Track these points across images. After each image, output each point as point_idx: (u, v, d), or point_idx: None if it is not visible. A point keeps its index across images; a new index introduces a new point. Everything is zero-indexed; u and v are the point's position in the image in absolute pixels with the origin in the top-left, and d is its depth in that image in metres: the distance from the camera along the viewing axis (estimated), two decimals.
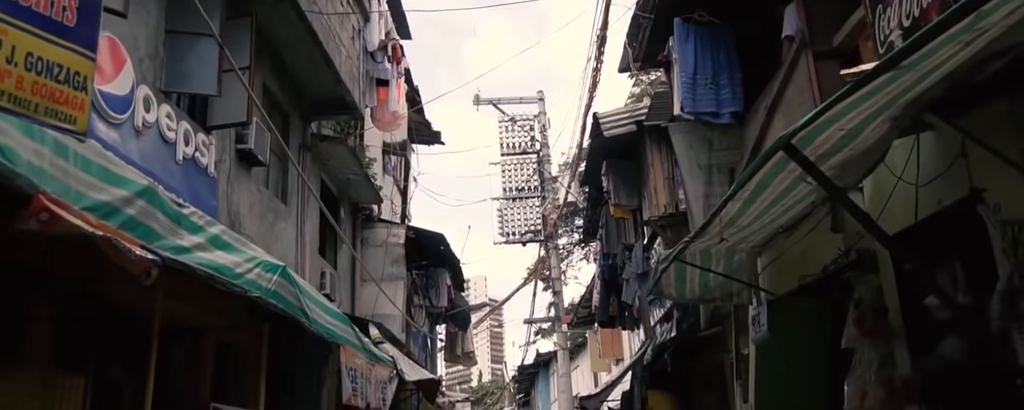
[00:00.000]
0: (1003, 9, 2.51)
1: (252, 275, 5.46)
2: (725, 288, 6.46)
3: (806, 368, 6.18)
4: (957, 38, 2.65)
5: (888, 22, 4.46)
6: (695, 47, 6.70)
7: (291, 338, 7.53)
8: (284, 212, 9.69)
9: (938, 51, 2.76)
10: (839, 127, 3.56)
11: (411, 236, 13.86)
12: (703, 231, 5.17)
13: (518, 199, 34.03)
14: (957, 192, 4.01)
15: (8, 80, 2.72)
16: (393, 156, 16.75)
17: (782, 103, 5.88)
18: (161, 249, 4.38)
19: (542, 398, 40.55)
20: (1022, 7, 2.53)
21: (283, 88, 9.77)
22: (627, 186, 11.82)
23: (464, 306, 20.13)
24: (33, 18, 2.81)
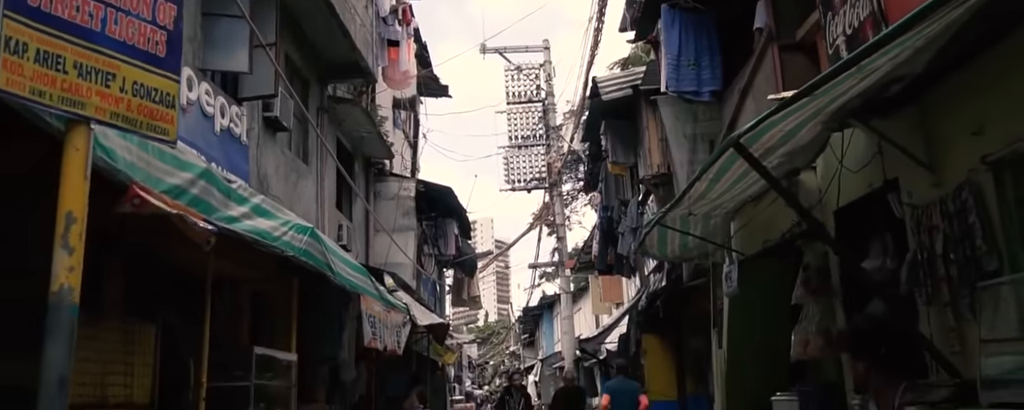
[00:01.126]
0: (884, 58, 3.29)
1: (287, 237, 6.32)
2: (702, 248, 7.30)
3: (770, 319, 7.05)
4: (853, 76, 3.42)
5: (836, 28, 5.20)
6: (680, 31, 7.41)
7: (317, 288, 8.44)
8: (305, 171, 10.53)
9: (842, 83, 3.53)
10: (779, 130, 4.35)
11: (421, 189, 14.71)
12: (678, 202, 5.99)
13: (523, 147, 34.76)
14: (883, 177, 4.83)
15: (122, 105, 3.51)
16: (402, 111, 17.50)
17: (752, 88, 6.63)
18: (217, 220, 5.22)
19: (546, 338, 41.90)
20: (898, 55, 3.31)
21: (303, 56, 10.51)
22: (624, 145, 12.58)
23: (471, 254, 21.09)
24: (137, 54, 3.59)
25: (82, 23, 3.38)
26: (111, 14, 3.50)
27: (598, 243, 16.00)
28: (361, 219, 13.66)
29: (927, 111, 4.38)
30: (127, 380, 5.08)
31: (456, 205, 17.06)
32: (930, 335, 4.37)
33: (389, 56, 13.86)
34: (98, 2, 3.46)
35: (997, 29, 3.66)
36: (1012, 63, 3.64)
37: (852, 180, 5.16)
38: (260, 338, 8.46)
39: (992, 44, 3.74)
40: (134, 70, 3.59)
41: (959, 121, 4.06)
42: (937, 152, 4.29)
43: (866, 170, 4.98)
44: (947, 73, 4.13)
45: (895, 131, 4.56)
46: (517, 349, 54.59)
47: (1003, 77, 3.72)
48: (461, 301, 21.76)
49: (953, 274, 4.07)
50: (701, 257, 7.63)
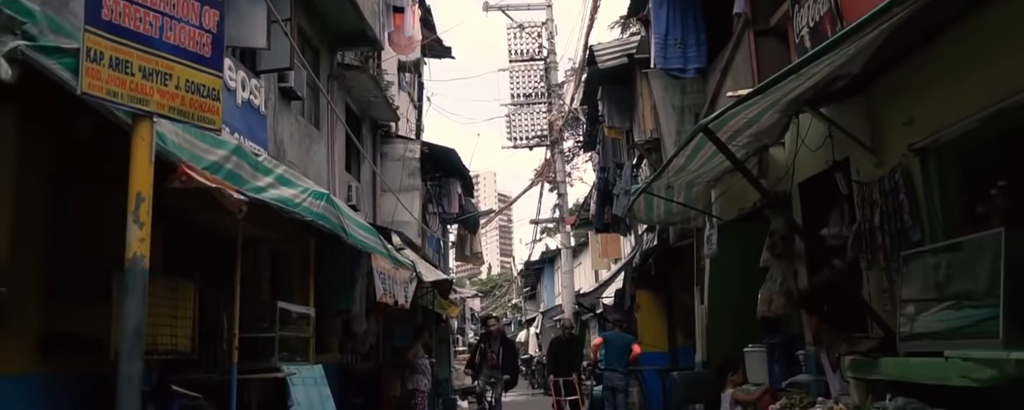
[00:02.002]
0: (822, 65, 3.91)
1: (306, 203, 6.99)
2: (685, 214, 7.96)
3: (746, 278, 7.74)
4: (795, 79, 4.04)
5: (801, 19, 5.79)
6: (668, 11, 7.96)
7: (331, 248, 9.13)
8: (317, 136, 11.16)
9: (788, 84, 4.15)
10: (743, 117, 4.97)
11: (425, 151, 15.34)
12: (660, 175, 6.64)
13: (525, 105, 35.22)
14: (837, 156, 5.47)
15: (177, 100, 4.14)
16: (407, 74, 18.03)
17: (732, 67, 7.21)
18: (247, 191, 5.89)
19: (547, 292, 42.84)
20: (834, 62, 3.93)
21: (313, 26, 11.06)
22: (620, 110, 13.15)
23: (474, 211, 21.79)
24: (188, 55, 4.21)
25: (144, 32, 4.00)
26: (167, 22, 4.12)
27: (595, 203, 16.68)
28: (369, 180, 14.32)
29: (872, 101, 5.00)
30: (172, 331, 5.80)
31: (459, 165, 17.71)
32: (869, 295, 5.05)
33: (395, 22, 14.39)
34: (156, 12, 4.07)
35: (925, 36, 4.27)
36: (933, 67, 4.25)
37: (812, 157, 5.79)
38: (279, 293, 9.19)
39: (922, 48, 4.35)
40: (186, 70, 4.22)
41: (895, 112, 4.68)
42: (879, 137, 4.92)
43: (824, 149, 5.62)
44: (888, 68, 4.74)
45: (847, 116, 5.19)
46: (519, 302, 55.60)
47: (928, 78, 4.33)
48: (464, 257, 22.52)
49: (887, 244, 4.74)
50: (684, 222, 8.31)
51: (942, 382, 3.61)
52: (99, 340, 5.23)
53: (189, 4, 4.26)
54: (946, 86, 4.19)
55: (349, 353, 11.42)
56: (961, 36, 4.01)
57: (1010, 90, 3.60)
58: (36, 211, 5.01)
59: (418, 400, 12.84)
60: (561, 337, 14.36)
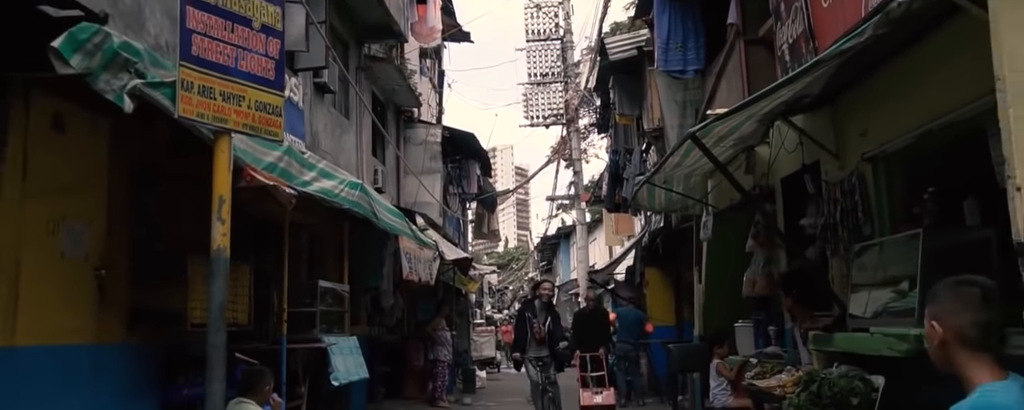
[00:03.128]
0: (788, 90, 4.71)
1: (343, 193, 7.87)
2: (684, 202, 8.76)
3: (738, 261, 8.56)
4: (766, 99, 4.84)
5: (782, 35, 6.55)
6: (669, 17, 8.70)
7: (363, 230, 10.02)
8: (347, 125, 12.02)
9: (760, 103, 4.96)
10: (725, 126, 5.78)
11: (446, 135, 16.19)
12: (660, 170, 7.45)
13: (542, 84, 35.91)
14: (810, 158, 6.27)
15: (249, 118, 5.00)
16: (428, 59, 18.83)
17: (725, 72, 7.97)
18: (296, 185, 6.77)
19: (563, 266, 43.75)
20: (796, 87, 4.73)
21: (343, 22, 11.87)
22: (630, 98, 13.94)
23: (491, 191, 22.67)
24: (257, 79, 5.06)
25: (223, 62, 4.86)
26: (240, 53, 4.98)
27: (607, 184, 17.48)
28: (393, 163, 15.20)
29: (837, 112, 5.79)
30: (234, 307, 6.70)
31: (478, 148, 18.56)
32: (833, 280, 5.88)
33: (418, 13, 15.19)
34: (232, 45, 4.93)
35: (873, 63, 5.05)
36: (881, 88, 5.04)
37: (791, 157, 6.59)
38: (315, 272, 10.11)
39: (872, 72, 5.14)
40: (256, 92, 5.08)
41: (854, 123, 5.47)
42: (841, 144, 5.72)
43: (800, 150, 6.42)
44: (849, 86, 5.53)
45: (817, 125, 5.98)
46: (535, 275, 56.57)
47: (878, 96, 5.12)
48: (482, 234, 23.45)
49: (845, 236, 5.55)
50: (683, 209, 9.12)
51: (876, 353, 4.44)
52: (176, 314, 6.17)
53: (257, 36, 5.11)
54: (891, 105, 4.97)
55: (377, 326, 12.37)
56: (900, 66, 4.80)
57: (933, 115, 4.39)
58: (123, 204, 5.91)
59: (439, 369, 13.81)
60: (585, 310, 13.58)
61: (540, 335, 9.99)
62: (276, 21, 5.31)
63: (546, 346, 10.02)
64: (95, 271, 5.54)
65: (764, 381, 5.63)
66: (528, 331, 10.12)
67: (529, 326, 10.16)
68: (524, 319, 10.33)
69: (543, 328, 10.03)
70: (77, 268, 5.35)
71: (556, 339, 10.07)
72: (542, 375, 9.95)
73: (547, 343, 10.00)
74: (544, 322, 10.10)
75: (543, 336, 9.98)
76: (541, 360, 9.99)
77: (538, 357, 10.03)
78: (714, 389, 7.53)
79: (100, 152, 5.64)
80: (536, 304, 10.33)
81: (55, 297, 5.10)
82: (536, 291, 10.85)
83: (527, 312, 10.37)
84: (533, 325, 10.12)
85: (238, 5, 5.01)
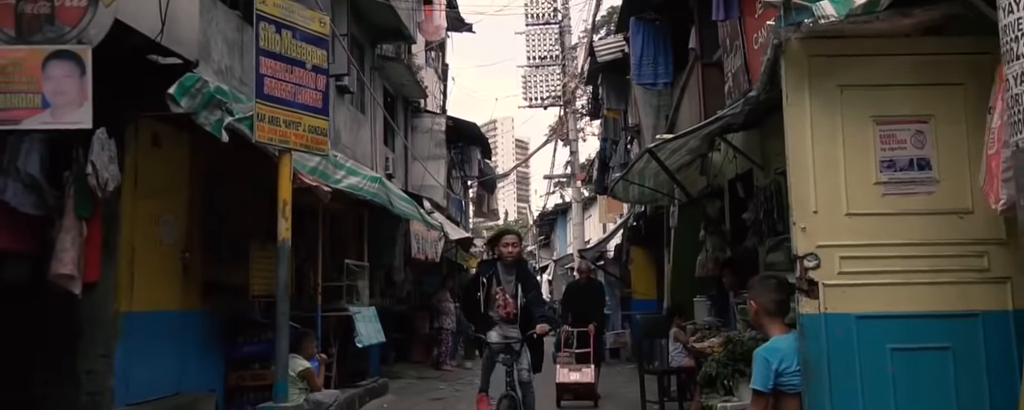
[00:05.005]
0: (710, 126, 6.24)
1: (366, 186, 9.43)
2: (654, 195, 10.31)
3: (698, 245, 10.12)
4: (702, 129, 6.36)
5: (728, 64, 8.04)
6: (643, 38, 10.15)
7: (378, 215, 11.58)
8: (363, 120, 13.53)
9: (698, 131, 6.48)
10: (678, 142, 7.30)
11: (450, 125, 17.69)
12: (630, 170, 8.98)
13: (541, 67, 37.22)
14: (744, 168, 7.81)
15: (303, 139, 6.51)
16: (433, 51, 20.27)
17: (688, 87, 9.46)
18: (330, 183, 8.32)
19: (560, 241, 45.32)
20: (716, 125, 6.25)
21: (360, 28, 13.33)
22: (617, 94, 15.39)
23: (491, 174, 24.21)
24: (309, 109, 6.57)
25: (286, 97, 6.37)
26: (297, 89, 6.49)
27: (597, 169, 18.99)
28: (402, 150, 16.72)
29: (762, 133, 7.31)
30: None
31: (479, 135, 20.08)
32: (759, 265, 7.45)
33: (425, 13, 16.63)
34: (292, 84, 6.44)
35: None
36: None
37: (734, 164, 8.12)
38: (337, 250, 11.68)
39: None
40: (308, 118, 6.60)
41: (772, 144, 6.99)
42: (766, 159, 7.24)
43: (736, 161, 7.95)
44: (770, 112, 7.04)
45: (750, 141, 7.51)
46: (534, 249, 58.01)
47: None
48: (482, 213, 25.04)
49: (766, 232, 7.11)
50: (654, 201, 10.66)
51: None
52: (238, 288, 7.76)
53: (309, 74, 6.62)
54: None
55: (388, 298, 13.96)
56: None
57: None
58: (199, 200, 7.47)
59: (443, 337, 15.43)
60: (578, 281, 12.16)
61: (508, 309, 6.67)
62: (322, 61, 6.82)
63: (517, 325, 6.67)
64: (181, 254, 7.12)
65: (701, 343, 7.22)
66: (486, 303, 6.73)
67: (488, 297, 6.73)
68: (478, 287, 6.79)
69: (511, 299, 6.68)
70: (170, 252, 6.93)
71: (533, 315, 6.60)
72: (507, 370, 6.46)
73: (518, 321, 6.66)
74: (512, 289, 6.70)
75: (512, 311, 6.66)
76: (508, 346, 6.53)
77: (504, 341, 6.58)
78: (672, 352, 9.10)
79: (183, 160, 7.19)
80: (498, 266, 6.77)
81: (157, 275, 6.69)
82: (495, 247, 6.98)
83: (484, 277, 6.78)
84: (496, 296, 6.72)
85: (295, 51, 6.51)
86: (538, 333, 6.47)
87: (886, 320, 3.73)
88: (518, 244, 7.07)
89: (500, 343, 6.62)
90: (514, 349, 6.54)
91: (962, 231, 3.75)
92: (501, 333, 6.71)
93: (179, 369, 7.01)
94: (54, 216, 5.52)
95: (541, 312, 6.78)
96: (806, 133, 3.92)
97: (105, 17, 4.14)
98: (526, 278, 6.88)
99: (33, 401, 5.78)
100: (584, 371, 9.76)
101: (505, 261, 6.79)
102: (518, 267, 6.88)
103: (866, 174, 3.85)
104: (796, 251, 3.85)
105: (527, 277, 6.93)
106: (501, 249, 6.83)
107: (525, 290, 6.71)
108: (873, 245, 3.79)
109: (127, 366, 6.15)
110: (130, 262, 6.29)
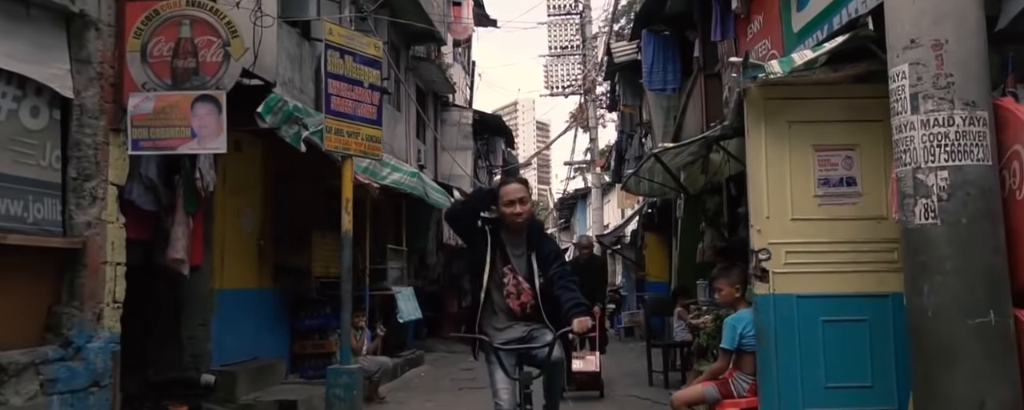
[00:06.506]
0: (703, 137, 7.44)
1: (407, 181, 10.73)
2: (663, 189, 11.50)
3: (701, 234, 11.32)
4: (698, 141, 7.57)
5: (725, 78, 9.22)
6: (653, 48, 11.29)
7: (414, 204, 12.87)
8: (398, 117, 14.80)
9: (699, 140, 7.69)
10: (680, 147, 8.50)
11: (477, 118, 18.94)
12: (641, 167, 10.19)
13: (562, 56, 38.33)
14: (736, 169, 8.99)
15: (362, 146, 7.77)
16: (460, 47, 21.49)
17: (692, 94, 10.63)
18: (378, 180, 9.62)
19: (580, 225, 46.50)
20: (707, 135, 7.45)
21: (396, 34, 14.57)
22: (633, 91, 16.52)
23: (514, 162, 25.45)
24: (365, 120, 7.83)
25: (348, 112, 7.64)
26: (357, 105, 7.76)
27: (614, 160, 20.18)
28: (432, 142, 18.00)
29: None
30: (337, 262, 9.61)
31: (503, 126, 21.31)
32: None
33: (454, 14, 17.85)
34: (352, 100, 7.71)
35: None
36: None
37: (729, 165, 9.31)
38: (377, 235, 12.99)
39: None
40: (365, 128, 7.88)
41: None
42: None
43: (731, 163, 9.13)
44: None
45: (741, 146, 8.69)
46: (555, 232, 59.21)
47: None
48: None
49: None
50: (662, 194, 11.87)
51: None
52: (302, 270, 9.09)
53: (366, 92, 7.88)
54: None
55: (421, 278, 15.29)
56: None
57: None
58: (270, 196, 8.79)
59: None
60: (579, 258, 11.16)
61: (524, 299, 4.39)
62: (376, 80, 8.07)
63: (539, 319, 4.39)
64: (257, 241, 8.45)
65: (696, 320, 8.46)
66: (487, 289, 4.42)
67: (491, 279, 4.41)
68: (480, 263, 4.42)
69: (526, 283, 4.39)
70: (249, 240, 8.27)
71: (561, 302, 4.26)
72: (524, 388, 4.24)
73: (539, 313, 4.38)
74: (526, 270, 4.42)
75: (530, 300, 4.38)
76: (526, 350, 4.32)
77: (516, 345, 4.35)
78: (676, 328, 10.33)
79: (257, 162, 8.50)
80: (502, 236, 4.44)
81: (240, 259, 8.03)
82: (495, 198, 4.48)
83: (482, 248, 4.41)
84: (505, 281, 4.39)
85: (355, 73, 7.76)
86: (576, 331, 4.04)
87: (820, 299, 4.96)
88: (528, 200, 4.43)
89: (514, 349, 4.27)
90: (538, 358, 4.20)
91: (879, 232, 4.95)
92: (515, 334, 4.35)
93: (256, 338, 8.36)
94: (164, 212, 6.83)
95: (573, 298, 4.18)
96: (762, 157, 5.12)
97: (235, 69, 5.40)
98: (543, 248, 4.41)
99: (147, 361, 7.14)
100: (588, 359, 8.79)
101: (512, 228, 4.36)
102: (531, 233, 4.43)
103: (807, 189, 5.07)
104: (752, 247, 5.08)
105: (545, 246, 4.44)
106: (504, 210, 4.31)
107: (544, 267, 4.31)
108: (811, 243, 5.01)
109: (219, 334, 7.50)
110: (220, 248, 7.62)
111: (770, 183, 5.12)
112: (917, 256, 3.84)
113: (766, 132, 5.13)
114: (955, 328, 3.71)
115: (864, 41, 4.82)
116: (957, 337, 3.70)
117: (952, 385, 3.72)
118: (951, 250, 3.73)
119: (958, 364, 3.69)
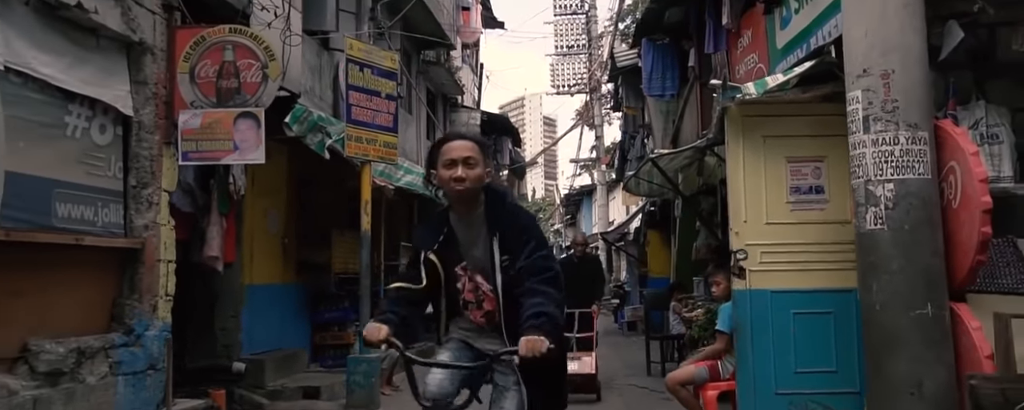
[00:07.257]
0: (696, 144, 8.06)
1: (418, 182, 11.36)
2: (661, 190, 12.11)
3: (697, 232, 11.94)
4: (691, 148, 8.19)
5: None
6: (652, 56, 11.89)
7: (425, 203, 13.50)
8: (410, 119, 15.44)
9: (691, 148, 8.31)
10: (674, 153, 9.12)
11: (485, 119, 19.57)
12: (640, 169, 10.81)
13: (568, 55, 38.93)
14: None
15: (379, 152, 8.41)
16: (468, 49, 22.13)
17: (689, 100, 11.23)
18: (393, 182, 10.26)
19: (586, 221, 47.07)
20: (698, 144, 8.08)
21: (408, 40, 15.20)
22: (635, 94, 17.12)
23: (521, 161, 26.08)
24: (383, 128, 8.47)
25: (367, 120, 8.29)
26: (375, 114, 8.41)
27: (618, 158, 20.78)
28: None
29: None
30: (354, 259, 10.27)
31: (510, 127, 21.95)
32: None
33: (462, 19, 18.47)
34: (371, 109, 8.35)
35: None
36: None
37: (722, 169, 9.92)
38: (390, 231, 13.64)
39: None
40: (382, 135, 8.53)
41: None
42: None
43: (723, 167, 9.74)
44: None
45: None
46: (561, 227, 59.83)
47: None
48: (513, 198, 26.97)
49: None
50: (661, 195, 12.49)
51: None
52: (322, 266, 9.74)
53: (384, 101, 8.53)
54: None
55: None
56: None
57: None
58: (294, 199, 9.44)
59: None
60: (573, 256, 10.87)
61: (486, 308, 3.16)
62: (393, 90, 8.72)
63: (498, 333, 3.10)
64: (282, 240, 9.11)
65: (690, 313, 9.09)
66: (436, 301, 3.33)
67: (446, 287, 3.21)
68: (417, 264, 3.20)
69: (484, 283, 3.11)
70: (274, 238, 8.93)
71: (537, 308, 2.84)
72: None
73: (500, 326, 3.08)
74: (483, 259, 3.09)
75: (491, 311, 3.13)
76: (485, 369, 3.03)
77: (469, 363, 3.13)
78: (672, 321, 10.96)
79: (283, 167, 9.15)
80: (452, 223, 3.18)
81: (266, 255, 8.68)
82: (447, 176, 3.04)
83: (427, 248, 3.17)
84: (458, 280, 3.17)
85: (374, 84, 8.42)
86: (522, 354, 2.73)
87: (791, 294, 5.58)
88: (477, 163, 3.09)
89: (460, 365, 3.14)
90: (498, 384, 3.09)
91: (843, 235, 5.55)
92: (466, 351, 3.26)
93: (281, 329, 9.02)
94: (200, 213, 7.48)
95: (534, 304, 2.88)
96: (740, 168, 5.74)
97: (272, 88, 6.05)
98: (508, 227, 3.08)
99: (185, 350, 7.80)
100: (584, 360, 8.28)
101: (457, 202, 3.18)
102: (490, 209, 3.13)
103: (780, 195, 5.68)
104: (732, 248, 5.71)
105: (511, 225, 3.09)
106: (442, 173, 3.09)
107: (511, 256, 3.03)
108: (784, 244, 5.63)
109: (249, 326, 8.16)
110: (250, 247, 8.28)
111: (747, 191, 5.73)
112: (868, 257, 4.45)
113: (744, 145, 5.74)
114: (899, 319, 4.33)
115: (829, 66, 5.43)
116: (900, 327, 4.31)
117: (896, 368, 4.33)
118: (896, 252, 4.34)
119: (901, 350, 4.31)
